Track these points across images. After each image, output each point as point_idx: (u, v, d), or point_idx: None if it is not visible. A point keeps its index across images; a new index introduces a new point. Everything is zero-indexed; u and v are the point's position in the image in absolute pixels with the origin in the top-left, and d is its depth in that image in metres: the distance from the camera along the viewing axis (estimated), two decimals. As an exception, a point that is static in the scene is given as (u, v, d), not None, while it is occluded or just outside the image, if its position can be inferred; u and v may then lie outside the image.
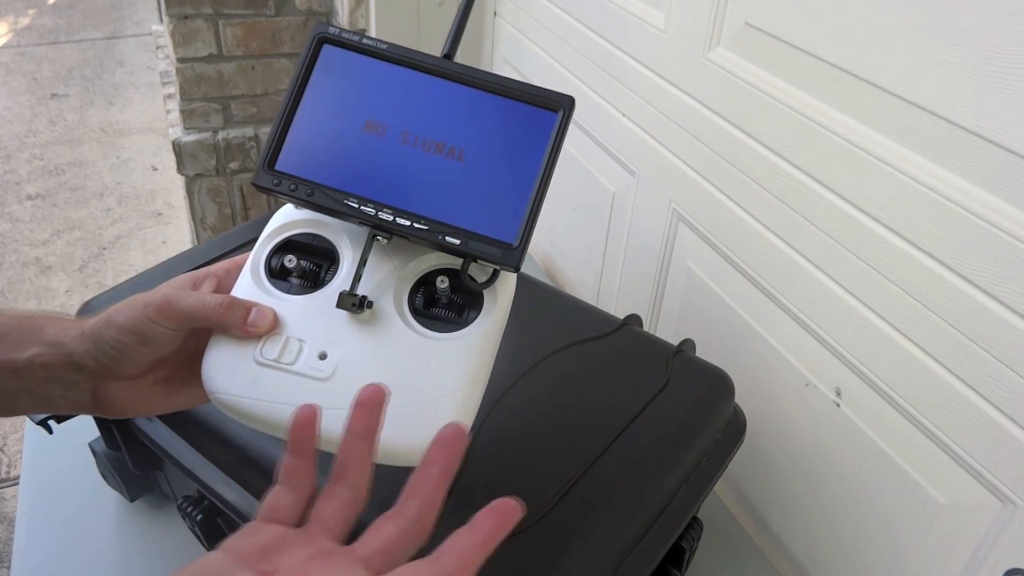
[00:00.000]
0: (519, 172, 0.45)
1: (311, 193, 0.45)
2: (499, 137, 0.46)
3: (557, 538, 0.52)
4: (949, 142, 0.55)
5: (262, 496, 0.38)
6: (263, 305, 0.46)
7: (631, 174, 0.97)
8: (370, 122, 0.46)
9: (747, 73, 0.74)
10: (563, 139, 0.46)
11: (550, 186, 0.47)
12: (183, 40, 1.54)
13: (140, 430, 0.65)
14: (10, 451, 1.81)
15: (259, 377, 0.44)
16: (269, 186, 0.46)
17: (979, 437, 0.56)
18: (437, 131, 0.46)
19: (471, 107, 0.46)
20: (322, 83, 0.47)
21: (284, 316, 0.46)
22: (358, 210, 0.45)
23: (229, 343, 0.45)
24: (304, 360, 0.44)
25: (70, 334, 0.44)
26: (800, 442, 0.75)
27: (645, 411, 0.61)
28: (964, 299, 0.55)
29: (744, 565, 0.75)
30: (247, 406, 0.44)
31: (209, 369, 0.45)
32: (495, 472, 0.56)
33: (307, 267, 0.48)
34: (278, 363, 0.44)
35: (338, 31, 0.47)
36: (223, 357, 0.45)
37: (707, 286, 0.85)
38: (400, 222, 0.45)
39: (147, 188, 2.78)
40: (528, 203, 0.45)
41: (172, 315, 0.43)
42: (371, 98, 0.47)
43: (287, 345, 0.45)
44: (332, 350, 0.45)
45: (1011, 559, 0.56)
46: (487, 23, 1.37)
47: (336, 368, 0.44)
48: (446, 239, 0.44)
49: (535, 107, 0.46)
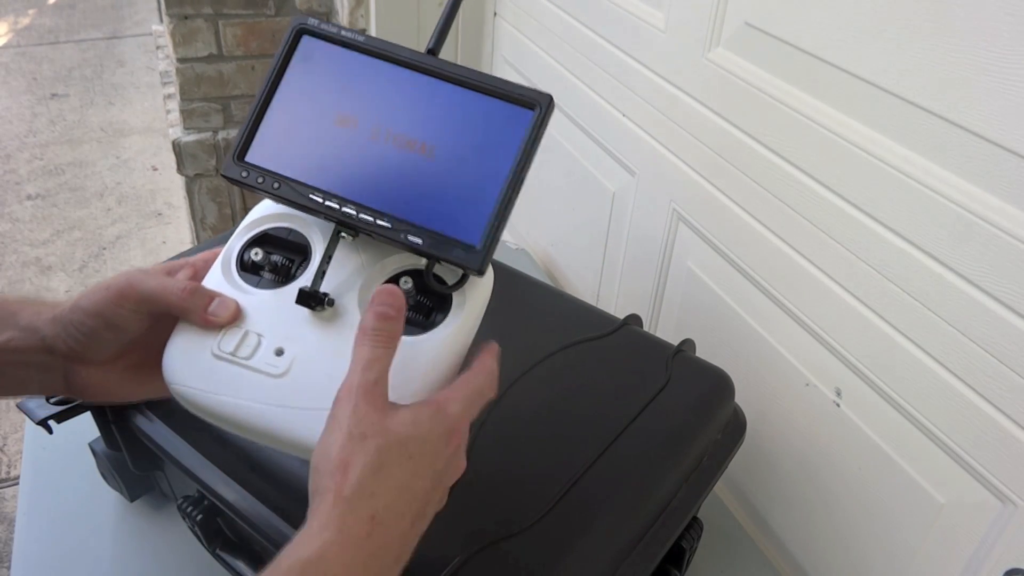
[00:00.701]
0: (489, 172, 0.43)
1: (277, 186, 0.45)
2: (471, 135, 0.44)
3: (557, 538, 0.52)
4: (949, 142, 0.55)
5: (262, 496, 0.38)
6: (227, 296, 0.45)
7: (631, 174, 0.97)
8: (342, 116, 0.45)
9: (747, 73, 0.74)
10: (538, 139, 0.44)
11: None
12: (183, 40, 1.54)
13: (140, 430, 0.65)
14: (10, 451, 1.81)
15: (214, 370, 0.43)
16: (237, 177, 0.45)
17: (979, 437, 0.56)
18: (408, 127, 0.44)
19: (445, 103, 0.44)
20: (298, 75, 0.46)
21: (248, 309, 0.45)
22: (322, 204, 0.44)
23: (191, 334, 0.44)
24: (260, 355, 0.43)
25: (43, 318, 0.44)
26: (800, 442, 0.75)
27: (645, 411, 0.61)
28: (964, 299, 0.55)
29: (744, 565, 0.75)
30: (201, 399, 0.43)
31: (169, 359, 0.44)
32: (495, 472, 0.56)
33: (279, 262, 0.47)
34: (234, 357, 0.43)
35: (317, 22, 0.46)
36: (183, 348, 0.44)
37: (707, 286, 0.85)
38: (363, 218, 0.43)
39: (147, 188, 2.78)
40: (495, 204, 0.43)
41: (133, 297, 0.43)
42: (345, 91, 0.45)
43: (245, 339, 0.44)
44: (289, 347, 0.44)
45: (1011, 559, 0.56)
46: (487, 23, 1.37)
47: (291, 365, 0.43)
48: (408, 238, 0.43)
49: (511, 104, 0.44)
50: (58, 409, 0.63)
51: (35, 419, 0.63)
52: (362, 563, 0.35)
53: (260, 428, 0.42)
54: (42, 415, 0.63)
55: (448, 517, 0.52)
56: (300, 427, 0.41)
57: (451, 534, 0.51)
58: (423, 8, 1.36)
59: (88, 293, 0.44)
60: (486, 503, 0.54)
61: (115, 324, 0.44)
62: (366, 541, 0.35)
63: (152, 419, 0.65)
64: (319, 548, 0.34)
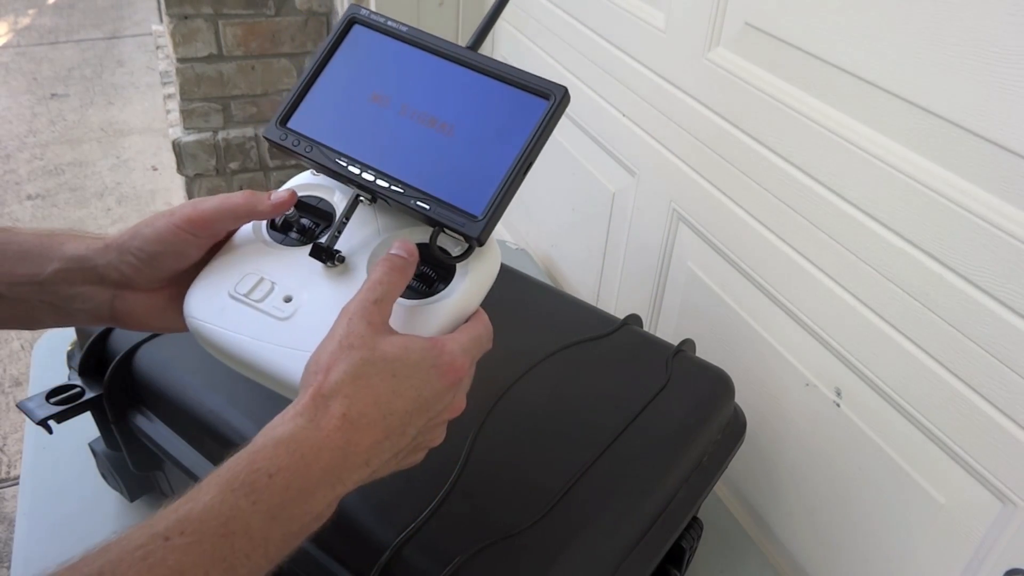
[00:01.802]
0: (500, 152, 0.47)
1: (310, 150, 0.49)
2: (489, 118, 0.48)
3: (557, 538, 0.52)
4: (949, 142, 0.55)
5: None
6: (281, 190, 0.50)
7: (631, 174, 0.97)
8: (376, 94, 0.50)
9: (747, 73, 0.74)
10: (551, 127, 0.47)
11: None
12: (183, 40, 1.54)
13: (140, 430, 0.65)
14: (10, 451, 1.81)
15: (227, 308, 0.47)
16: (276, 139, 0.50)
17: (979, 437, 0.56)
18: (433, 106, 0.49)
19: (468, 88, 0.49)
20: (345, 57, 0.51)
21: (267, 261, 0.49)
22: (345, 168, 0.48)
23: (215, 275, 0.49)
24: (270, 300, 0.47)
25: (93, 247, 0.47)
26: (800, 442, 0.75)
27: (645, 411, 0.61)
28: (964, 299, 0.55)
29: (744, 565, 0.75)
30: (210, 332, 0.47)
31: (191, 294, 0.48)
32: (495, 471, 0.56)
33: (306, 224, 0.51)
34: (247, 298, 0.47)
35: (368, 13, 0.51)
36: (205, 286, 0.48)
37: (707, 286, 0.85)
38: (380, 183, 0.47)
39: (147, 188, 2.78)
40: (500, 181, 0.46)
41: (200, 221, 0.47)
42: (383, 73, 0.50)
43: (259, 284, 0.48)
44: (298, 295, 0.47)
45: (1011, 559, 0.56)
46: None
47: (296, 311, 0.47)
48: (416, 203, 0.47)
49: (528, 93, 0.48)
50: (58, 409, 0.63)
51: (35, 419, 0.63)
52: (329, 451, 0.38)
53: (257, 363, 0.46)
54: (42, 415, 0.63)
55: (448, 517, 0.52)
56: (293, 367, 0.44)
57: (451, 534, 0.51)
58: (423, 8, 1.36)
59: (149, 220, 0.47)
60: (486, 503, 0.54)
61: (176, 249, 0.47)
62: (335, 433, 0.38)
63: (152, 419, 0.65)
64: (291, 430, 0.38)
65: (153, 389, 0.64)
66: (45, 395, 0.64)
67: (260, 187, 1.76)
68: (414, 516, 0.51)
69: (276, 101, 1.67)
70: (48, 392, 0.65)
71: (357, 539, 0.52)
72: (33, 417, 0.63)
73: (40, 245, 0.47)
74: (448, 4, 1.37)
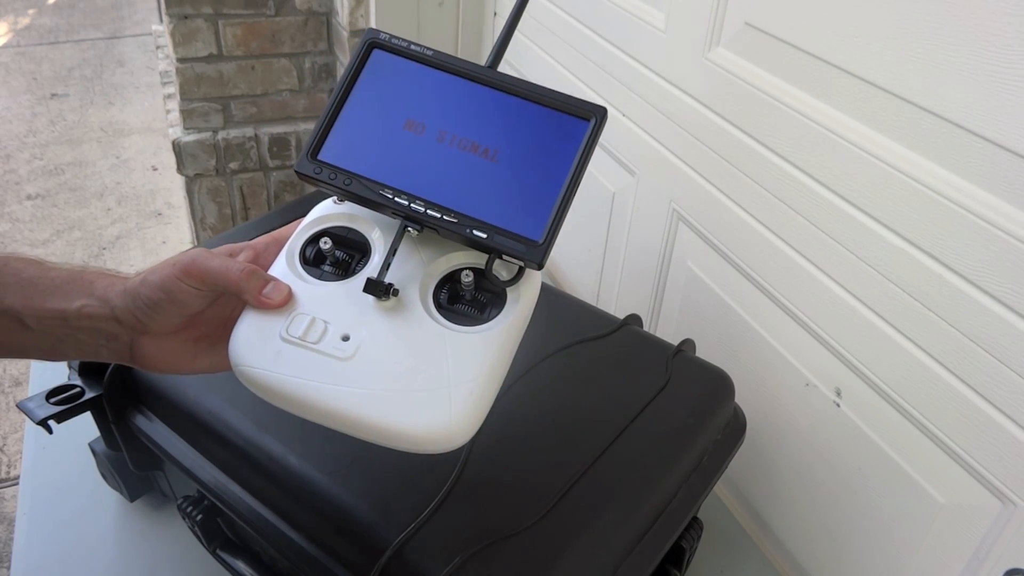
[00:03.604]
0: (549, 175, 0.47)
1: (349, 182, 0.47)
2: (532, 141, 0.48)
3: (557, 538, 0.52)
4: (949, 142, 0.55)
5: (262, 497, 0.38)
6: (281, 281, 0.48)
7: (631, 174, 0.97)
8: (410, 121, 0.48)
9: (747, 73, 0.74)
10: (594, 146, 0.48)
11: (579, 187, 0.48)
12: (183, 40, 1.54)
13: (140, 430, 0.65)
14: (10, 451, 1.81)
15: (283, 353, 0.45)
16: (311, 174, 0.48)
17: (979, 437, 0.56)
18: (473, 132, 0.48)
19: (507, 112, 0.48)
20: (368, 83, 0.50)
21: (313, 299, 0.48)
22: (392, 200, 0.47)
23: (258, 319, 0.47)
24: (328, 340, 0.46)
25: (115, 289, 0.47)
26: (800, 442, 0.75)
27: (645, 411, 0.61)
28: (964, 299, 0.55)
29: (744, 565, 0.76)
30: (268, 379, 0.45)
31: (236, 342, 0.46)
32: (495, 472, 0.56)
33: (340, 256, 0.50)
34: (303, 341, 0.46)
35: (388, 37, 0.50)
36: (251, 331, 0.47)
37: (707, 286, 0.85)
38: (431, 214, 0.46)
39: (147, 188, 2.78)
40: (556, 203, 0.46)
41: (196, 274, 0.46)
42: (413, 99, 0.49)
43: (312, 325, 0.46)
44: (355, 332, 0.46)
45: (1011, 559, 0.56)
46: (487, 23, 1.37)
47: (358, 349, 0.45)
48: (473, 232, 0.46)
49: (568, 115, 0.48)
50: (58, 409, 0.63)
51: (35, 419, 0.63)
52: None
53: (327, 408, 0.44)
54: (42, 415, 0.63)
55: (448, 517, 0.52)
56: (367, 407, 0.43)
57: (451, 534, 0.51)
58: (423, 8, 1.36)
59: (156, 268, 0.47)
60: (486, 503, 0.54)
61: (178, 299, 0.47)
62: None
63: (152, 419, 0.65)
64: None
65: (153, 389, 0.64)
66: (45, 395, 0.64)
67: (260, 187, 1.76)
68: (414, 516, 0.51)
69: (276, 101, 1.67)
70: (48, 392, 0.65)
71: (357, 539, 0.52)
72: (33, 417, 0.63)
73: (71, 280, 0.47)
74: (448, 4, 1.37)
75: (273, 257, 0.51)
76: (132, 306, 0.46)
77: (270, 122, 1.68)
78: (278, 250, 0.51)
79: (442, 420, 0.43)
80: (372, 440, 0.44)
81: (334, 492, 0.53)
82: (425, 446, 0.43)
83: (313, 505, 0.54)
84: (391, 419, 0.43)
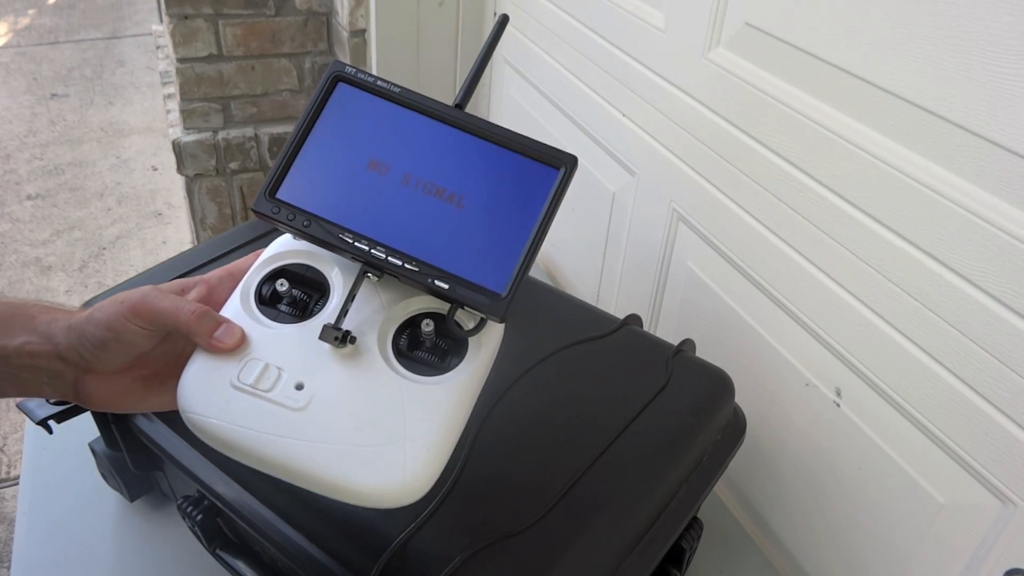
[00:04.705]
0: (516, 224, 0.45)
1: (308, 224, 0.45)
2: (499, 188, 0.46)
3: (557, 538, 0.52)
4: (949, 142, 0.55)
5: (262, 497, 0.38)
6: (233, 323, 0.46)
7: (631, 174, 0.97)
8: (374, 161, 0.46)
9: (747, 73, 0.74)
10: (562, 196, 0.46)
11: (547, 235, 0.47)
12: (183, 40, 1.54)
13: (140, 430, 0.65)
14: (10, 451, 1.81)
15: (232, 401, 0.43)
16: (268, 213, 0.46)
17: (979, 437, 0.56)
18: (439, 176, 0.46)
19: (475, 156, 0.46)
20: (332, 118, 0.47)
21: (267, 343, 0.45)
22: (352, 245, 0.45)
23: (208, 364, 0.45)
24: (280, 388, 0.44)
25: (59, 326, 0.45)
26: (800, 442, 0.75)
27: (645, 411, 0.61)
28: (964, 299, 0.55)
29: (744, 565, 0.76)
30: (216, 429, 0.43)
31: (185, 388, 0.44)
32: (495, 471, 0.56)
33: (297, 296, 0.48)
34: (254, 389, 0.44)
35: (354, 71, 0.48)
36: (200, 376, 0.44)
37: (707, 286, 0.85)
38: (392, 261, 0.45)
39: (147, 188, 2.78)
40: (521, 255, 0.45)
41: (145, 315, 0.44)
42: (378, 138, 0.47)
43: (265, 372, 0.44)
44: (309, 381, 0.44)
45: (1011, 559, 0.56)
46: (487, 23, 1.37)
47: (311, 399, 0.43)
48: (435, 282, 0.44)
49: (538, 162, 0.46)
50: (58, 409, 0.63)
51: (35, 419, 0.63)
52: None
53: (276, 460, 0.43)
54: (42, 415, 0.63)
55: (448, 517, 0.52)
56: (318, 462, 0.42)
57: (451, 534, 0.51)
58: (423, 8, 1.36)
59: (103, 306, 0.44)
60: (486, 503, 0.54)
61: (125, 338, 0.44)
62: None
63: (152, 419, 0.65)
64: None
65: (153, 389, 0.64)
66: (45, 395, 0.64)
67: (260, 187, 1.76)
68: (414, 516, 0.51)
69: (276, 101, 1.67)
70: (48, 392, 0.65)
71: (357, 539, 0.52)
72: (33, 417, 0.63)
73: (11, 315, 0.45)
74: (448, 4, 1.37)
75: (227, 292, 0.48)
76: (77, 344, 0.44)
77: (270, 122, 1.68)
78: (233, 285, 0.48)
79: (395, 478, 0.42)
80: (323, 494, 0.43)
81: (334, 492, 0.53)
82: (376, 502, 0.42)
83: (313, 505, 0.54)
84: (342, 475, 0.42)
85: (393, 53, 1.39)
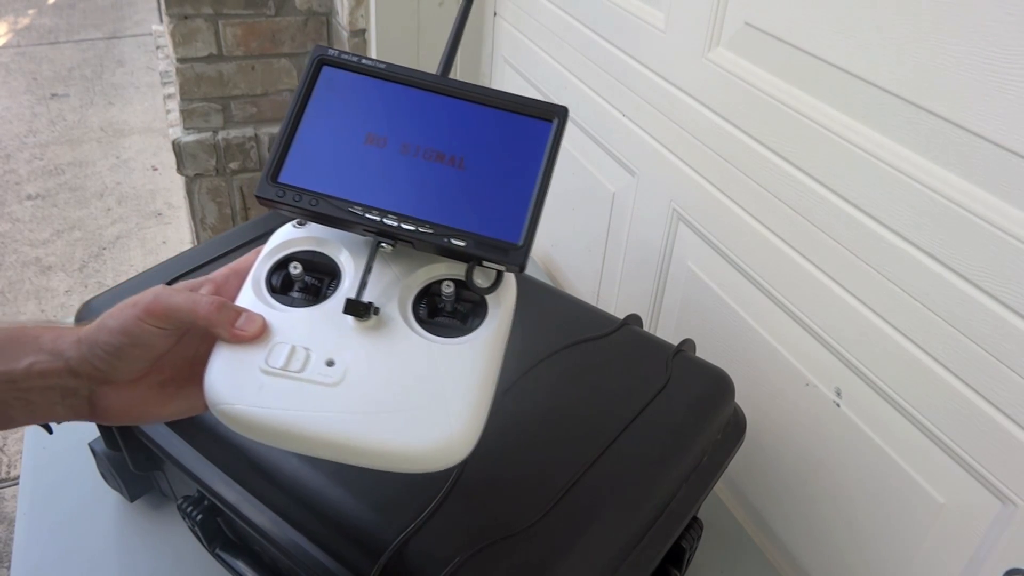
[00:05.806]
0: (519, 177, 0.46)
1: (315, 203, 0.45)
2: (497, 146, 0.47)
3: (557, 538, 0.52)
4: (949, 142, 0.55)
5: (262, 497, 0.38)
6: (253, 312, 0.45)
7: (631, 174, 0.97)
8: (371, 135, 0.47)
9: (747, 73, 0.74)
10: (559, 145, 0.47)
11: (550, 188, 0.47)
12: (183, 40, 1.54)
13: (140, 430, 0.65)
14: (10, 451, 1.81)
15: (266, 386, 0.43)
16: (273, 197, 0.46)
17: (979, 437, 0.56)
18: (437, 142, 0.47)
19: (468, 119, 0.48)
20: (323, 101, 0.48)
21: (289, 327, 0.46)
22: (363, 217, 0.45)
23: (233, 355, 0.44)
24: (312, 367, 0.44)
25: (66, 340, 0.44)
26: (800, 442, 0.75)
27: (645, 411, 0.61)
28: (964, 299, 0.55)
29: (744, 565, 0.75)
30: (254, 416, 0.43)
31: (212, 381, 0.44)
32: (495, 472, 0.56)
33: (310, 281, 0.48)
34: (286, 371, 0.43)
35: (337, 53, 0.49)
36: (226, 368, 0.44)
37: (707, 286, 0.85)
38: (405, 227, 0.45)
39: (147, 188, 2.78)
40: (530, 205, 0.46)
41: (160, 313, 0.43)
42: (370, 113, 0.48)
43: (294, 354, 0.44)
44: (340, 356, 0.44)
45: (1011, 559, 0.56)
46: (487, 23, 1.37)
47: (345, 373, 0.44)
48: (452, 241, 0.45)
49: (530, 117, 0.48)
50: (58, 409, 0.63)
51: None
52: None
53: (319, 437, 0.42)
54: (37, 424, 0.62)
55: (448, 517, 0.52)
56: (363, 432, 0.42)
57: (451, 534, 0.51)
58: (423, 8, 1.36)
59: (114, 312, 0.44)
60: (486, 503, 0.54)
61: (141, 341, 0.43)
62: None
63: (152, 419, 0.65)
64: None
65: (153, 389, 0.64)
66: (45, 395, 0.64)
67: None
68: (414, 516, 0.51)
69: (276, 101, 1.67)
70: (48, 392, 0.64)
71: (357, 539, 0.52)
72: (33, 417, 0.63)
73: (13, 338, 0.44)
74: (448, 4, 1.37)
75: (235, 290, 0.48)
76: (89, 355, 0.43)
77: (270, 122, 1.68)
78: (239, 282, 0.48)
79: (443, 435, 0.42)
80: (371, 465, 0.42)
81: (334, 492, 0.53)
82: (428, 464, 0.42)
83: (313, 505, 0.54)
84: (392, 441, 0.42)
85: (393, 53, 1.39)
